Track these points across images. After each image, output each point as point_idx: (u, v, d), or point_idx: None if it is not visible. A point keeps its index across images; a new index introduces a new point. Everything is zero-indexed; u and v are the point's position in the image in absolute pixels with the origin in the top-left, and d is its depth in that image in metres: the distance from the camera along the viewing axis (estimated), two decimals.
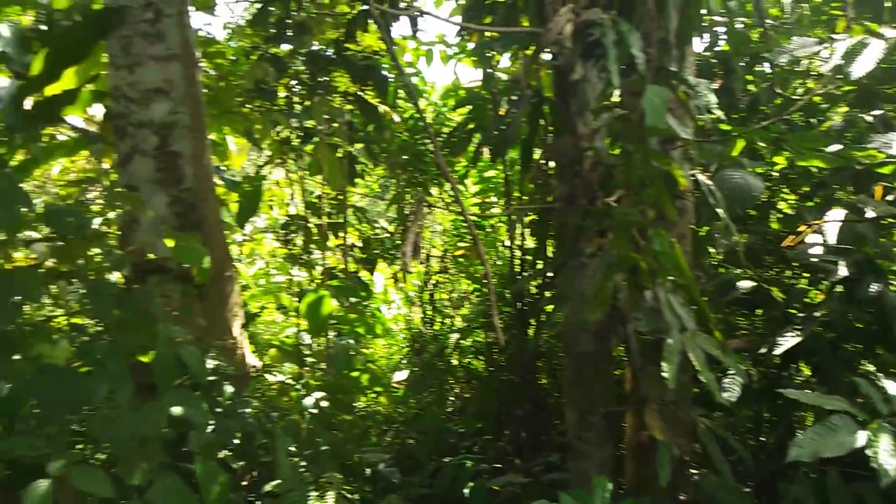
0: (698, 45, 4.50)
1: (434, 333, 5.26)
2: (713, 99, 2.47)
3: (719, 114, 2.51)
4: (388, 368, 5.20)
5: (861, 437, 1.75)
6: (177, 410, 2.39)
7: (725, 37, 4.16)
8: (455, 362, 5.01)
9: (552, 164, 2.99)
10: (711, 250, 3.16)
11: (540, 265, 3.51)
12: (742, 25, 4.23)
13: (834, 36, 2.51)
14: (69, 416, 2.40)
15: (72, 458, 2.04)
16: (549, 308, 3.82)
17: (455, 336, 4.89)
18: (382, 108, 5.19)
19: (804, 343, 2.49)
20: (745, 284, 2.85)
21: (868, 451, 1.71)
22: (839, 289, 2.60)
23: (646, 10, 2.24)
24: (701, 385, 2.48)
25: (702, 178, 2.40)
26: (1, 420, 2.29)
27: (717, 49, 4.20)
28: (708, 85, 2.49)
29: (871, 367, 2.62)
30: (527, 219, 3.98)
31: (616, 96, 2.52)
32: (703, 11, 4.05)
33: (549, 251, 3.21)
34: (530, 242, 4.60)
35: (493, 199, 5.48)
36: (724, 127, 3.07)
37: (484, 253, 1.84)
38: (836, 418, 1.79)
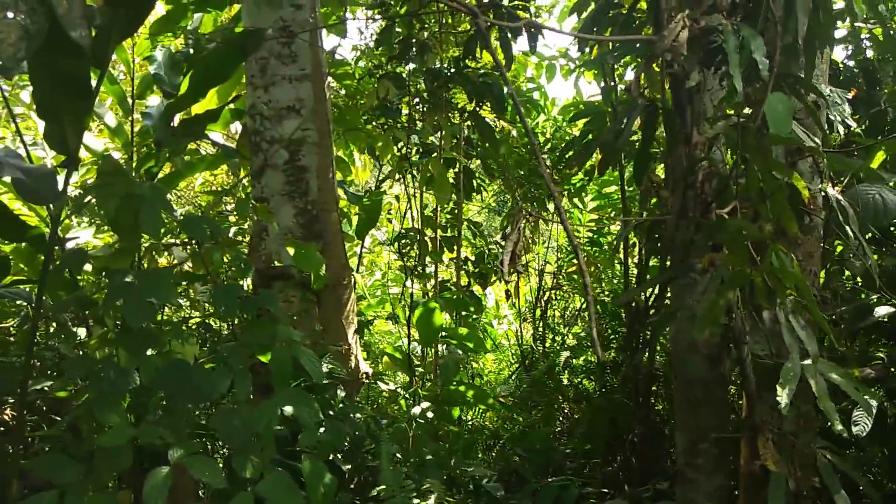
0: (840, 53, 4.21)
1: (545, 350, 5.19)
2: (847, 108, 2.29)
3: (853, 124, 2.32)
4: (496, 383, 5.18)
5: None
6: (288, 409, 2.49)
7: (870, 44, 3.86)
8: (565, 381, 4.92)
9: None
10: (847, 272, 2.93)
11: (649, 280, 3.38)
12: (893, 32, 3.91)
13: None
14: (193, 408, 2.57)
15: (191, 449, 2.17)
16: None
17: (566, 354, 4.80)
18: (500, 124, 5.24)
19: None
20: (884, 310, 2.60)
21: None
22: None
23: (770, 14, 2.12)
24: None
25: (832, 192, 2.22)
26: (133, 409, 2.49)
27: (864, 58, 3.90)
28: (842, 94, 2.31)
29: None
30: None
31: (740, 106, 2.39)
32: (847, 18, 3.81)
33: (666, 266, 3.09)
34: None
35: (613, 214, 5.36)
36: (860, 139, 2.83)
37: (585, 266, 1.80)
38: None
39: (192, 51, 4.38)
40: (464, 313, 4.70)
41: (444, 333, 4.17)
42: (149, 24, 4.71)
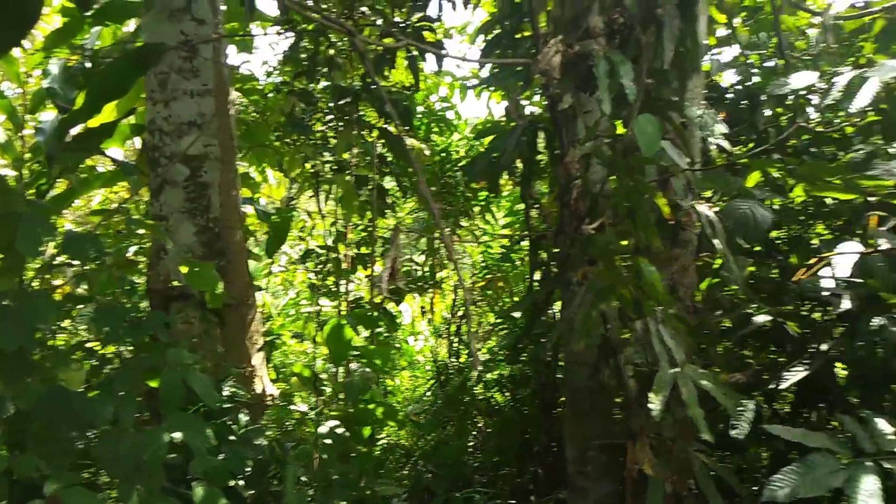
0: (732, 77, 4.46)
1: (459, 366, 5.23)
2: (718, 129, 2.43)
3: (723, 143, 2.46)
4: (412, 400, 5.18)
5: (840, 477, 1.65)
6: (177, 435, 2.42)
7: (755, 70, 4.12)
8: (479, 395, 4.96)
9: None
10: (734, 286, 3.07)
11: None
12: (773, 61, 4.19)
13: (839, 70, 2.45)
14: (75, 436, 2.46)
15: (68, 480, 2.08)
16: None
17: (479, 368, 4.85)
18: (411, 142, 5.27)
19: (817, 379, 2.38)
20: (761, 319, 2.75)
21: (847, 492, 1.62)
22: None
23: (638, 42, 2.23)
24: (717, 422, 2.39)
25: (701, 208, 2.35)
26: (10, 439, 2.37)
27: (748, 84, 4.15)
28: (713, 115, 2.45)
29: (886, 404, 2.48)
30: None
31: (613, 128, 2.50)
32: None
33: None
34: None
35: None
36: (737, 158, 3.01)
37: (464, 280, 1.84)
38: (817, 456, 1.70)
39: (88, 64, 4.25)
40: (377, 330, 4.68)
41: (355, 352, 4.13)
42: (45, 36, 4.54)
